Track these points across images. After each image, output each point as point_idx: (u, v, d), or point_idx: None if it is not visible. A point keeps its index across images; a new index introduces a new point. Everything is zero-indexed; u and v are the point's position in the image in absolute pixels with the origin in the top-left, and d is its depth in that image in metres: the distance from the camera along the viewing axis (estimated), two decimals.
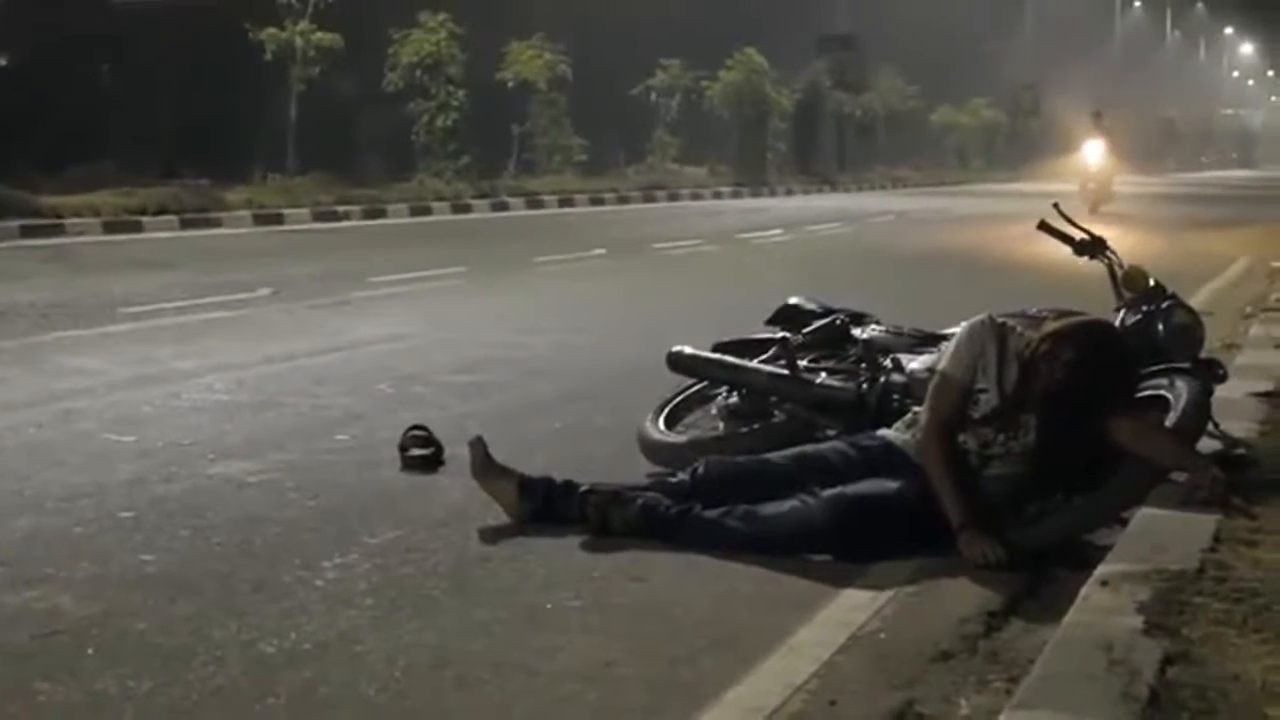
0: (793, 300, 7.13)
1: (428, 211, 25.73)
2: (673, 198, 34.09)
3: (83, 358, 9.17)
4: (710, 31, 41.54)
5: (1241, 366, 8.01)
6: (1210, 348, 7.32)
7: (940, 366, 5.37)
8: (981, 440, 5.25)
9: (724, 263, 17.85)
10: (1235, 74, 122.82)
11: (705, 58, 40.29)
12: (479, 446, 5.58)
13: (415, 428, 6.57)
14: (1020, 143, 67.83)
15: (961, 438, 5.25)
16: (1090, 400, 5.17)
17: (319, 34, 26.36)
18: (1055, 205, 7.23)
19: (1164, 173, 71.58)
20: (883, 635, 4.41)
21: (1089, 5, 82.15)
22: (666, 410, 6.73)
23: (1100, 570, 4.30)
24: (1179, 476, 5.22)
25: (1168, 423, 5.44)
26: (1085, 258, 6.95)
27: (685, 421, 6.73)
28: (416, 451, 6.43)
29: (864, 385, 6.28)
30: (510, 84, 32.81)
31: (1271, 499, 5.05)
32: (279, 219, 22.71)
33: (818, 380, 6.41)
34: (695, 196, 35.28)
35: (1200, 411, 5.59)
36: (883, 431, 5.59)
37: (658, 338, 8.45)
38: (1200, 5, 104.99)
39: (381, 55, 29.73)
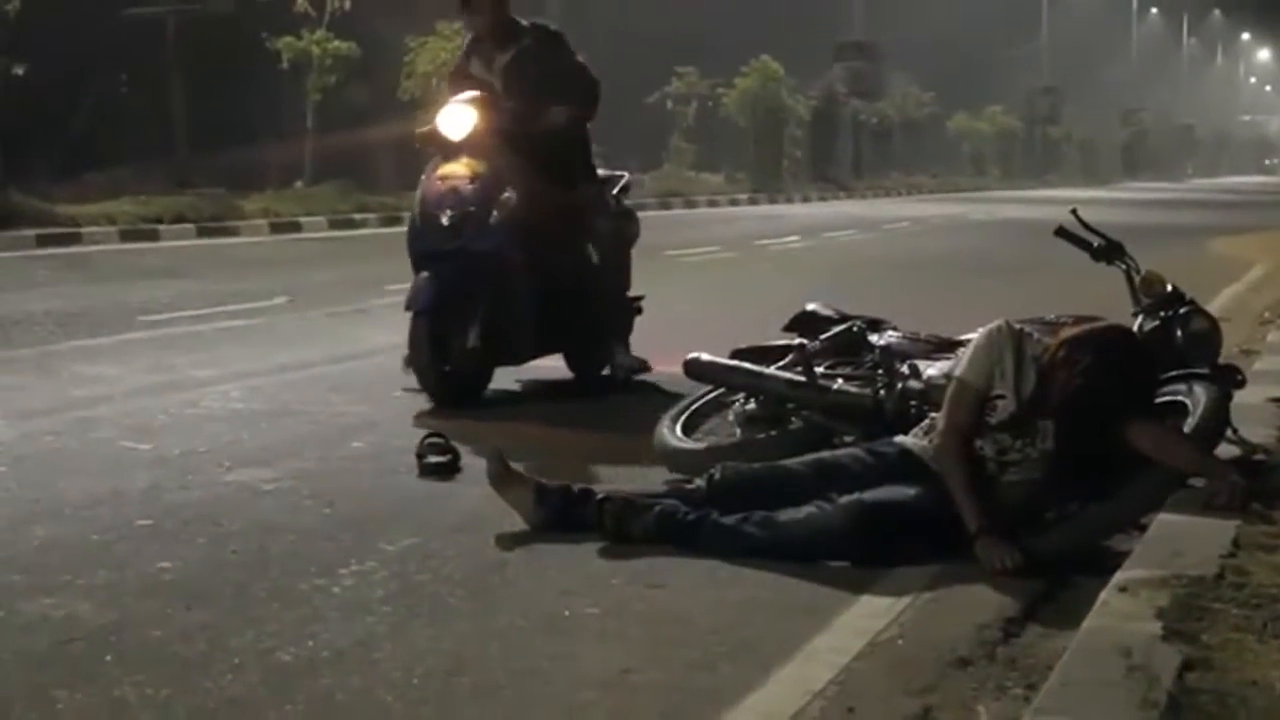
0: (810, 307, 7.12)
1: None
2: (689, 205, 34.11)
3: (99, 366, 9.18)
4: (726, 39, 41.60)
5: (1260, 372, 7.99)
6: (1228, 353, 7.32)
7: (957, 373, 5.36)
8: (999, 446, 5.23)
9: (741, 269, 17.86)
10: (1252, 80, 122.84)
11: (721, 65, 40.34)
12: (496, 454, 5.58)
13: (432, 435, 6.56)
14: (1037, 150, 67.86)
15: (979, 444, 5.24)
16: (1108, 406, 5.15)
17: (335, 43, 26.40)
18: (1073, 211, 7.23)
19: (1183, 179, 71.58)
20: (900, 642, 4.40)
21: (1106, 13, 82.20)
22: (683, 417, 6.72)
23: (1119, 576, 4.29)
24: (1197, 482, 5.21)
25: (1186, 429, 5.43)
26: (1103, 263, 6.95)
27: (702, 428, 6.72)
28: (433, 459, 6.42)
29: (881, 392, 6.27)
30: None
31: None
32: (296, 227, 22.74)
33: (835, 387, 6.40)
34: (712, 203, 35.32)
35: (1218, 417, 5.58)
36: (900, 438, 5.58)
37: (674, 345, 8.45)
38: (1217, 12, 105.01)
39: (398, 64, 29.75)
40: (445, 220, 8.07)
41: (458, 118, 8.31)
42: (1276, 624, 3.87)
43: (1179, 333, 6.36)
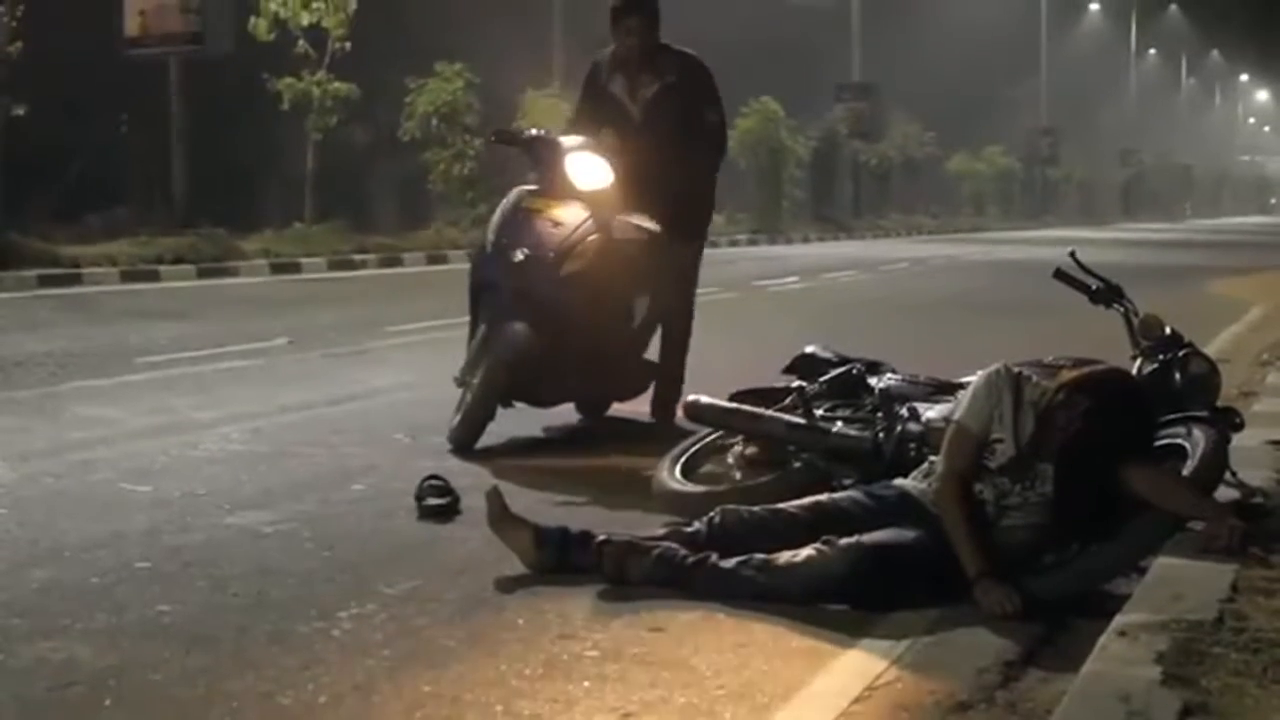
0: (809, 349, 7.13)
1: (444, 260, 25.77)
2: None
3: (100, 407, 9.19)
4: (726, 79, 41.62)
5: (1258, 414, 7.99)
6: (1227, 396, 7.31)
7: (956, 416, 5.37)
8: (998, 490, 5.24)
9: (740, 311, 17.86)
10: (1251, 121, 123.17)
11: None
12: (495, 496, 5.58)
13: (431, 477, 6.57)
14: (1036, 191, 68.00)
15: (978, 487, 5.25)
16: (1107, 450, 5.15)
17: (335, 84, 26.47)
18: (1072, 254, 7.25)
19: (1181, 219, 71.64)
20: (900, 685, 4.39)
21: (1104, 54, 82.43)
22: (683, 459, 6.73)
23: (1118, 620, 4.28)
24: (1197, 526, 5.21)
25: (1185, 472, 5.44)
26: (1102, 306, 6.97)
27: (702, 471, 6.72)
28: (433, 501, 6.43)
29: (880, 434, 6.27)
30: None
31: None
32: (296, 268, 22.78)
33: (834, 429, 6.41)
34: (712, 244, 35.30)
35: (1217, 460, 5.58)
36: (899, 481, 5.58)
37: None
38: (1215, 53, 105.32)
39: (398, 104, 29.87)
40: (518, 257, 7.83)
41: (592, 171, 8.01)
42: (1276, 668, 3.87)
43: (1178, 375, 6.37)
